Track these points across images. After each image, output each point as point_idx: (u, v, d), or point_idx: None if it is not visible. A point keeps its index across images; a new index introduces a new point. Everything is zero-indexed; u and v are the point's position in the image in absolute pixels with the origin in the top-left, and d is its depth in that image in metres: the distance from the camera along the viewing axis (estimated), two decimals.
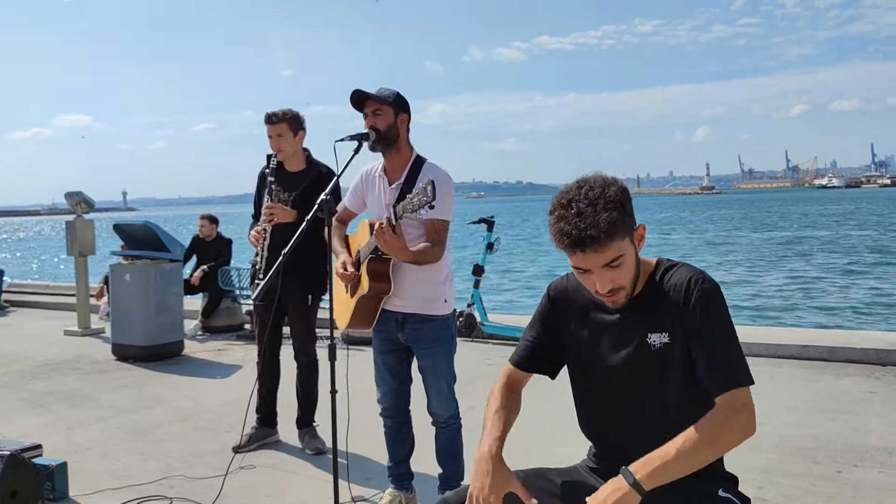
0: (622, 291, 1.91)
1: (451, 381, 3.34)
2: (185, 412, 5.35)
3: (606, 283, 1.87)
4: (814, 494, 3.59)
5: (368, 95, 3.17)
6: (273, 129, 4.28)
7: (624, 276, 1.89)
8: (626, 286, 1.90)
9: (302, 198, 4.24)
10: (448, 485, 3.30)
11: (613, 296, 1.91)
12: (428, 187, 2.75)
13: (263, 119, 4.30)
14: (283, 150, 4.31)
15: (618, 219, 1.81)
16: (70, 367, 6.99)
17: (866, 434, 4.43)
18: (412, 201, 2.80)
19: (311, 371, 4.50)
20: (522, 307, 15.01)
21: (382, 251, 3.07)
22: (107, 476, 4.04)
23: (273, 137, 4.29)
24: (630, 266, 1.89)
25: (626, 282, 1.90)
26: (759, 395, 1.99)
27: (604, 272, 1.86)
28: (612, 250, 1.83)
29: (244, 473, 4.02)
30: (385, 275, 3.18)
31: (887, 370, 5.89)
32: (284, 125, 4.28)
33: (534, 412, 2.19)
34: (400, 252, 3.00)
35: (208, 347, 7.89)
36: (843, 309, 15.04)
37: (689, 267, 1.96)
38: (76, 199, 8.76)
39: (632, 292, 1.93)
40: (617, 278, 1.88)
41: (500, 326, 7.65)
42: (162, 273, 7.38)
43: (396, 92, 3.24)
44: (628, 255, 1.87)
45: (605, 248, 1.81)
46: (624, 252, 1.85)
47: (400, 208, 2.87)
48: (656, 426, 1.93)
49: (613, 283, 1.88)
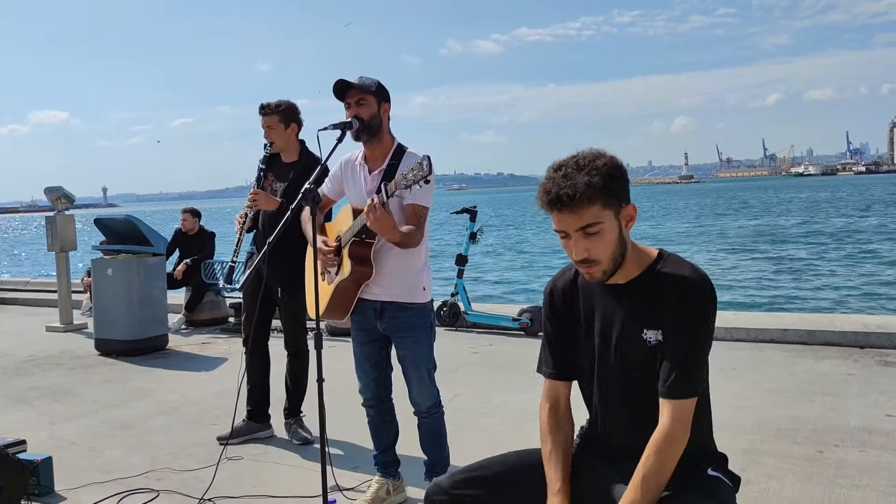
0: (598, 266, 1.90)
1: (431, 369, 3.35)
2: (171, 405, 5.34)
3: (581, 251, 1.88)
4: (795, 474, 3.65)
5: (352, 85, 3.17)
6: (264, 120, 4.31)
7: (601, 248, 1.88)
8: (602, 261, 1.89)
9: (289, 188, 4.26)
10: (434, 471, 3.32)
11: (589, 267, 1.90)
12: (424, 162, 2.76)
13: (258, 110, 4.33)
14: (274, 142, 4.33)
15: (599, 185, 1.83)
16: (53, 362, 6.94)
17: (846, 415, 4.50)
18: (406, 177, 2.80)
19: (302, 361, 4.51)
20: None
21: (366, 235, 3.08)
22: (92, 470, 4.03)
23: (265, 128, 4.31)
24: (609, 240, 1.88)
25: (602, 256, 1.89)
26: (740, 378, 2.04)
27: (580, 238, 1.87)
28: (587, 214, 1.84)
29: (231, 464, 4.02)
30: (367, 259, 3.18)
31: (865, 352, 5.97)
32: (275, 117, 4.29)
33: (532, 396, 2.22)
34: (389, 230, 2.99)
35: (192, 341, 7.86)
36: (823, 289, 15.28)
37: (692, 266, 1.95)
38: (56, 194, 8.68)
39: (613, 271, 1.92)
40: (593, 249, 1.88)
41: (483, 315, 7.68)
42: (145, 267, 7.34)
43: (378, 81, 3.25)
44: (608, 227, 1.87)
45: (579, 210, 1.83)
46: (602, 221, 1.86)
47: (393, 184, 2.87)
48: (647, 420, 1.95)
49: (589, 253, 1.88)
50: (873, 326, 6.35)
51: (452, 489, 2.01)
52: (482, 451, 2.18)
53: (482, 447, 2.27)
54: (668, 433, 1.86)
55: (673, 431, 1.86)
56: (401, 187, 2.84)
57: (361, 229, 3.09)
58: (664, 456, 1.85)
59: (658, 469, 1.84)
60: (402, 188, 2.84)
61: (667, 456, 1.85)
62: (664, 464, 1.85)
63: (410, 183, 2.80)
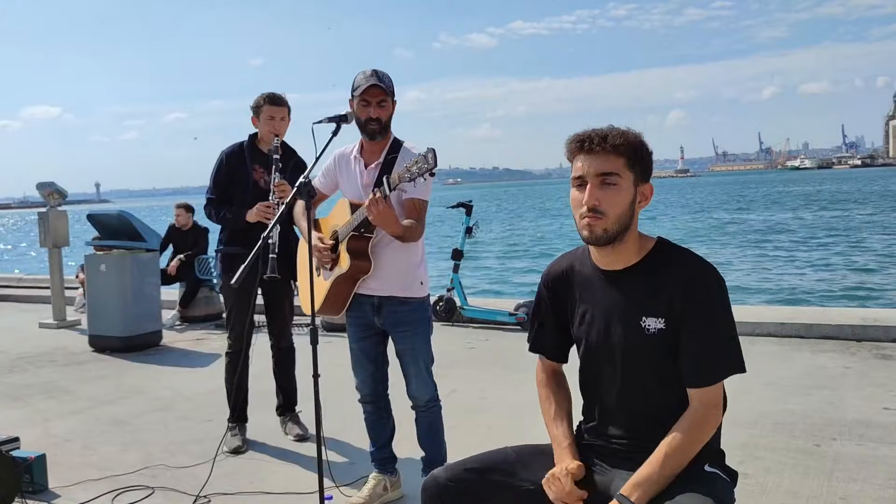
0: (603, 220, 1.89)
1: (429, 363, 3.34)
2: (165, 402, 5.30)
3: (593, 198, 1.89)
4: (793, 468, 3.64)
5: (382, 86, 3.14)
6: (279, 111, 4.23)
7: (612, 201, 1.89)
8: (609, 216, 1.89)
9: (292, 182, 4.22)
10: (431, 467, 3.29)
11: (594, 218, 1.89)
12: (429, 155, 2.74)
13: (266, 99, 4.22)
14: (280, 134, 4.23)
15: (628, 146, 1.89)
16: (46, 359, 6.90)
17: (843, 408, 4.49)
18: (410, 170, 2.78)
19: (292, 355, 4.48)
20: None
21: (365, 229, 3.05)
22: (86, 467, 4.00)
23: (276, 119, 4.22)
24: (622, 200, 1.90)
25: (610, 210, 1.89)
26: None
27: (596, 185, 1.89)
28: (611, 163, 1.88)
29: (227, 462, 3.99)
30: (365, 253, 3.16)
31: (862, 345, 5.98)
32: (286, 109, 4.26)
33: (529, 391, 2.20)
34: (392, 224, 2.97)
35: (187, 337, 7.83)
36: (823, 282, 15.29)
37: (693, 254, 1.95)
38: (48, 189, 8.62)
39: (614, 234, 1.91)
40: (604, 199, 1.89)
41: (479, 310, 7.66)
42: (138, 263, 7.30)
43: (391, 79, 3.23)
44: (624, 185, 1.90)
45: (606, 156, 1.88)
46: (622, 176, 1.89)
47: (396, 177, 2.84)
48: (645, 409, 1.95)
49: (599, 202, 1.89)
50: (870, 320, 6.36)
51: (449, 481, 2.00)
52: (479, 446, 2.16)
53: (479, 442, 2.25)
54: (699, 416, 1.88)
55: (704, 414, 1.88)
56: (404, 180, 2.82)
57: (361, 223, 3.06)
58: (692, 437, 1.86)
59: (682, 448, 1.84)
60: (405, 181, 2.82)
61: (695, 437, 1.86)
62: (690, 444, 1.85)
63: (415, 176, 2.78)
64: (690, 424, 1.87)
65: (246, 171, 4.28)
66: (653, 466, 1.83)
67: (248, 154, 4.30)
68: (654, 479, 1.82)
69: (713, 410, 1.89)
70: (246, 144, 4.32)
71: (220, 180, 4.33)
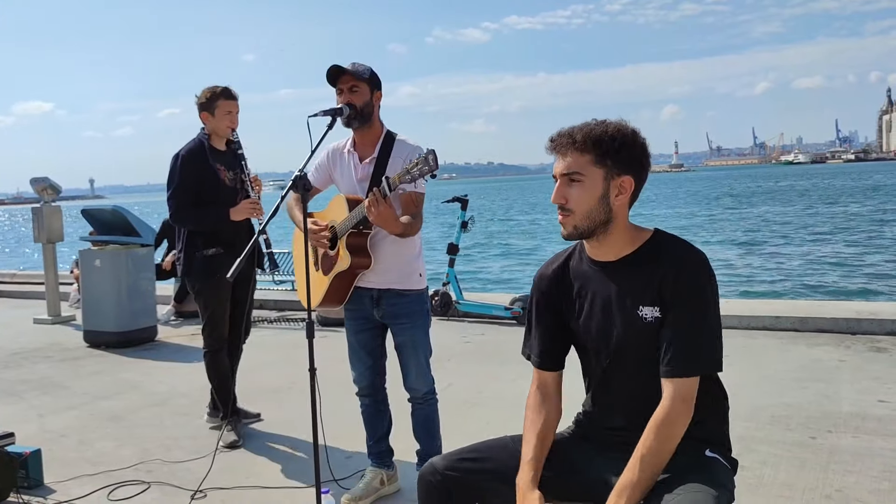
0: (571, 217, 1.93)
1: (428, 355, 3.34)
2: (160, 397, 5.29)
3: (559, 196, 1.94)
4: (789, 460, 3.64)
5: (345, 71, 3.13)
6: (236, 104, 4.20)
7: (577, 200, 1.92)
8: (576, 213, 1.92)
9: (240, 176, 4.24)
10: (427, 460, 3.30)
11: (563, 216, 1.95)
12: (430, 157, 2.74)
13: (222, 94, 4.14)
14: (236, 127, 4.21)
15: (595, 140, 1.90)
16: (41, 355, 6.89)
17: (838, 401, 4.50)
18: (411, 172, 2.77)
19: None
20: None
21: (363, 226, 3.05)
22: (82, 462, 3.99)
23: (233, 113, 4.18)
24: (589, 197, 1.91)
25: (577, 208, 1.92)
26: (734, 366, 2.03)
27: (563, 183, 1.94)
28: (574, 162, 1.91)
29: (223, 456, 3.98)
30: (364, 249, 3.16)
31: (857, 339, 5.99)
32: (237, 103, 4.23)
33: (525, 385, 2.20)
34: (392, 223, 2.96)
35: (182, 332, 7.81)
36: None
37: (685, 243, 1.95)
38: (42, 185, 8.58)
39: (586, 231, 1.94)
40: (570, 197, 1.92)
41: (475, 304, 7.66)
42: (133, 258, 7.28)
43: (370, 68, 3.20)
44: (591, 183, 1.91)
45: (568, 155, 1.92)
46: (585, 174, 1.91)
47: (396, 178, 2.83)
48: (645, 399, 1.94)
49: (566, 199, 1.93)
50: (865, 313, 6.37)
51: (446, 469, 2.00)
52: (474, 439, 2.16)
53: (475, 436, 2.25)
54: (668, 412, 1.84)
55: (673, 411, 1.84)
56: (405, 182, 2.81)
57: (360, 221, 3.05)
58: (663, 436, 1.83)
59: (656, 449, 1.82)
60: (405, 182, 2.81)
61: (666, 436, 1.83)
62: (663, 444, 1.83)
63: (415, 178, 2.78)
64: (661, 422, 1.84)
65: (212, 170, 4.15)
66: (632, 472, 1.82)
67: (209, 152, 4.19)
68: (634, 484, 1.80)
69: (684, 406, 1.85)
70: (206, 142, 4.21)
71: (188, 183, 4.14)
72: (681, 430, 1.85)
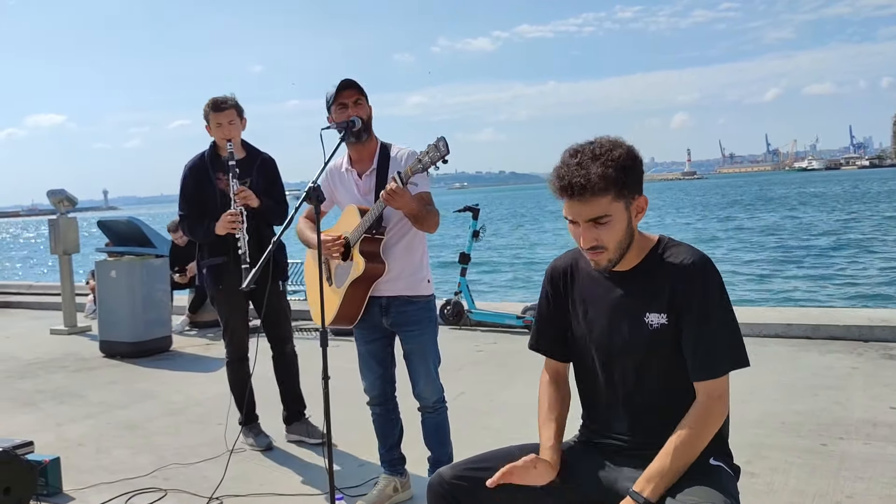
0: (605, 253, 1.93)
1: (437, 363, 3.37)
2: (176, 406, 5.35)
3: (589, 239, 1.92)
4: (800, 467, 3.65)
5: (353, 85, 3.19)
6: (224, 115, 4.14)
7: (609, 237, 1.91)
8: (609, 248, 1.93)
9: (257, 184, 4.19)
10: (437, 468, 3.32)
11: (596, 254, 1.94)
12: (440, 143, 2.79)
13: (210, 107, 4.15)
14: (233, 137, 4.17)
15: (612, 177, 1.85)
16: (58, 365, 6.97)
17: (850, 408, 4.50)
18: (422, 160, 2.83)
19: (294, 361, 4.44)
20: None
21: (375, 230, 3.13)
22: (100, 470, 4.05)
23: (223, 125, 4.14)
24: (618, 231, 1.91)
25: (610, 244, 1.92)
26: (745, 373, 2.05)
27: (589, 227, 1.91)
28: (598, 206, 1.87)
29: (237, 464, 4.02)
30: (377, 255, 3.20)
31: (869, 346, 5.98)
32: (233, 111, 4.18)
33: (536, 394, 2.23)
34: (411, 204, 3.02)
35: (196, 342, 7.88)
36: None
37: (691, 248, 1.98)
38: (59, 196, 8.70)
39: (618, 259, 1.96)
40: (601, 237, 1.91)
41: (487, 314, 7.68)
42: (148, 269, 7.37)
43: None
44: (617, 218, 1.90)
45: (591, 201, 1.86)
46: (612, 213, 1.89)
47: (408, 169, 2.89)
48: (650, 405, 1.98)
49: (597, 241, 1.92)
50: (878, 320, 6.35)
51: (453, 479, 2.02)
52: (486, 448, 2.18)
53: (485, 444, 2.28)
54: (706, 407, 1.90)
55: (709, 408, 1.90)
56: (417, 171, 2.87)
57: (372, 225, 3.10)
58: (699, 428, 1.88)
59: (690, 441, 1.86)
60: (418, 172, 2.88)
61: (702, 429, 1.88)
62: (699, 436, 1.87)
63: (427, 166, 2.84)
64: (698, 417, 1.89)
65: (210, 181, 4.22)
66: (663, 460, 1.86)
67: (209, 163, 4.25)
68: (664, 473, 1.84)
69: (719, 402, 1.91)
70: (207, 154, 4.27)
71: (189, 195, 4.27)
72: (716, 426, 1.91)
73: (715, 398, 1.90)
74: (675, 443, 1.87)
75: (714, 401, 1.90)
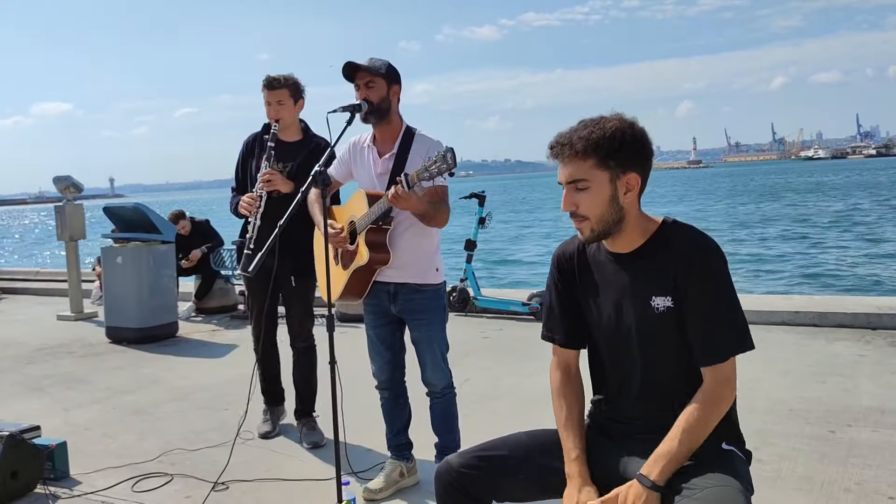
0: (586, 223, 1.95)
1: (444, 350, 3.36)
2: (182, 392, 5.36)
3: (569, 203, 1.95)
4: (808, 454, 3.64)
5: (360, 67, 3.16)
6: (274, 94, 4.02)
7: (588, 205, 1.92)
8: (590, 218, 1.93)
9: (300, 169, 3.99)
10: (445, 453, 3.32)
11: (578, 222, 1.96)
12: (448, 155, 2.77)
13: (264, 83, 4.04)
14: (282, 119, 4.04)
15: (595, 143, 1.88)
16: (64, 350, 6.98)
17: (858, 395, 4.49)
18: (429, 169, 2.80)
19: (311, 356, 4.29)
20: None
21: (382, 221, 3.11)
22: (107, 455, 4.06)
23: (272, 104, 4.02)
24: (598, 201, 1.92)
25: (590, 213, 1.93)
26: (752, 360, 2.04)
27: (569, 190, 1.94)
28: (577, 169, 1.91)
29: (243, 449, 4.02)
30: (383, 245, 3.19)
31: (877, 333, 5.95)
32: (286, 91, 4.04)
33: (542, 380, 2.22)
34: (417, 206, 2.99)
35: (202, 328, 7.89)
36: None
37: (694, 229, 1.97)
38: (65, 183, 8.70)
39: (602, 233, 1.96)
40: (580, 203, 1.93)
41: (493, 300, 7.67)
42: (154, 255, 7.36)
43: (388, 63, 3.22)
44: (597, 187, 1.91)
45: (570, 162, 1.91)
46: (590, 179, 1.91)
47: (414, 175, 2.86)
48: (659, 389, 1.97)
49: (576, 207, 1.94)
50: (885, 308, 6.33)
51: (461, 467, 2.02)
52: (493, 433, 2.18)
53: (492, 430, 2.27)
54: (714, 391, 1.89)
55: (718, 390, 1.89)
56: (423, 179, 2.84)
57: (380, 217, 3.08)
58: (709, 411, 1.87)
59: (699, 424, 1.86)
60: (424, 180, 2.84)
61: (712, 411, 1.87)
62: (706, 419, 1.87)
63: (434, 175, 2.81)
64: (705, 400, 1.88)
65: (253, 159, 4.18)
66: (671, 443, 1.85)
67: (258, 142, 4.19)
68: (671, 456, 1.83)
69: (726, 385, 1.90)
70: (260, 132, 4.21)
71: (237, 169, 4.28)
72: (723, 409, 1.90)
73: (722, 382, 1.89)
74: (683, 426, 1.86)
75: (721, 384, 1.89)
